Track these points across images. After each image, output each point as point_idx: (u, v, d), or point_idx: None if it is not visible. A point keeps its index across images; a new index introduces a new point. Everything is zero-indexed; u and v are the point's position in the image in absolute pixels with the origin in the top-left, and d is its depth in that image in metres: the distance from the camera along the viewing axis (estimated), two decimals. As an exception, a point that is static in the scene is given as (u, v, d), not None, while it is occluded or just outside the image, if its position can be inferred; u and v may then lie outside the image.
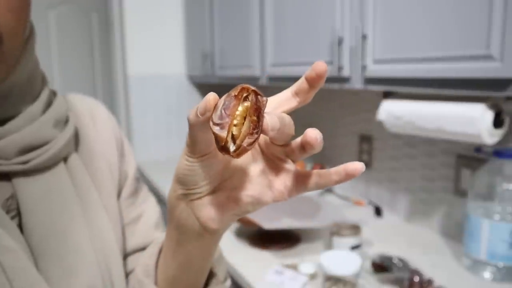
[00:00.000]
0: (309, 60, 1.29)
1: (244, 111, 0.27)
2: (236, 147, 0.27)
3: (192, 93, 2.44)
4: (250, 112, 0.27)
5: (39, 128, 0.45)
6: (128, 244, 0.54)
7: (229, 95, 0.27)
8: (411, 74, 0.95)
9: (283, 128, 0.29)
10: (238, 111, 0.27)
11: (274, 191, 0.34)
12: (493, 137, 0.95)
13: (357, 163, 0.30)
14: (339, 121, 1.73)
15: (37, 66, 0.48)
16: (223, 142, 0.27)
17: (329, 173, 0.32)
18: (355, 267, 0.93)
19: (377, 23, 1.03)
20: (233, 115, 0.27)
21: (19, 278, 0.39)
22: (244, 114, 0.27)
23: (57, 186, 0.46)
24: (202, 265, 0.42)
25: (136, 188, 0.58)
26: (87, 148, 0.52)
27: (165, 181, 1.97)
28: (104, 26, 2.58)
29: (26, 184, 0.44)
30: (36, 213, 0.43)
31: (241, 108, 0.27)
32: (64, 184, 0.47)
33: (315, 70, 0.31)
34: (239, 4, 1.69)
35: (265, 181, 0.34)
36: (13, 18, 0.39)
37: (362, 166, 0.30)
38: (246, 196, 0.34)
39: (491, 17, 0.77)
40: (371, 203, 1.57)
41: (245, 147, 0.27)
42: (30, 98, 0.46)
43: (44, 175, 0.45)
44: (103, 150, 0.54)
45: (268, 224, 1.12)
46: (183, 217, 0.36)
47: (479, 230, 1.02)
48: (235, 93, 0.27)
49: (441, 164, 1.30)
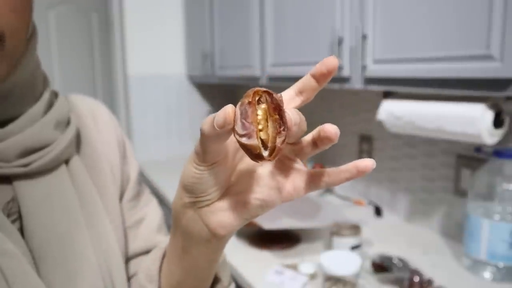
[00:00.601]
0: (309, 60, 1.29)
1: (264, 114, 0.27)
2: (270, 150, 0.27)
3: (192, 93, 2.44)
4: (270, 112, 0.27)
5: (40, 130, 0.44)
6: (130, 248, 0.54)
7: (243, 103, 0.27)
8: (411, 74, 0.95)
9: (303, 124, 0.29)
10: (259, 115, 0.27)
11: (283, 192, 0.33)
12: (493, 137, 0.95)
13: (367, 160, 0.30)
14: (339, 121, 1.73)
15: (38, 67, 0.47)
16: (257, 151, 0.26)
17: (338, 171, 0.32)
18: (355, 267, 0.93)
19: (377, 23, 1.03)
20: (255, 121, 0.26)
21: (20, 282, 0.39)
22: (265, 116, 0.27)
23: (59, 189, 0.45)
24: (208, 271, 0.42)
25: (138, 191, 0.57)
26: (89, 150, 0.51)
27: (165, 181, 1.97)
28: (104, 26, 2.58)
29: (27, 187, 0.43)
30: (37, 216, 0.43)
31: (260, 112, 0.27)
32: (65, 187, 0.46)
33: (326, 65, 0.31)
34: (239, 4, 1.69)
35: (274, 182, 0.34)
36: (16, 18, 0.39)
37: (373, 163, 0.30)
38: (254, 199, 0.33)
39: (491, 17, 0.77)
40: (371, 203, 1.57)
41: (279, 147, 0.27)
42: (31, 99, 0.45)
43: (45, 178, 0.45)
44: (105, 152, 0.54)
45: (268, 224, 1.12)
46: (190, 224, 0.36)
47: (479, 230, 1.02)
48: (248, 99, 0.27)
49: (441, 164, 1.30)
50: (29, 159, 0.43)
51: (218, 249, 0.38)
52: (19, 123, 0.43)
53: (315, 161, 1.90)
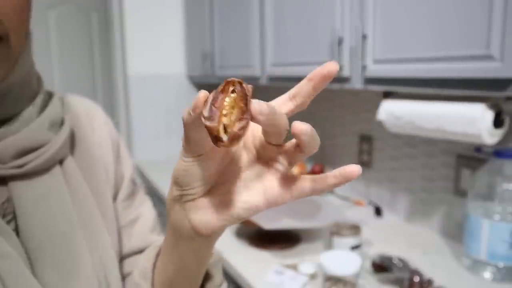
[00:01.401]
0: (309, 60, 1.29)
1: (232, 102, 0.28)
2: (229, 135, 0.28)
3: (192, 93, 2.44)
4: (238, 102, 0.28)
5: (35, 131, 0.45)
6: (125, 247, 0.54)
7: (217, 91, 0.29)
8: (411, 74, 0.95)
9: (274, 116, 0.29)
10: (226, 102, 0.28)
11: (268, 197, 0.33)
12: (493, 137, 0.95)
13: (354, 166, 0.30)
14: (339, 121, 1.73)
15: (33, 66, 0.48)
16: (216, 132, 0.28)
17: (325, 177, 0.32)
18: (355, 267, 0.93)
19: (377, 23, 1.03)
20: (221, 107, 0.28)
21: (15, 284, 0.39)
22: (233, 104, 0.28)
23: (53, 189, 0.46)
24: (196, 269, 0.42)
25: (132, 191, 0.58)
26: (84, 150, 0.52)
27: (165, 181, 1.97)
28: (104, 26, 2.58)
29: (22, 187, 0.44)
30: (32, 217, 0.43)
31: (228, 99, 0.28)
32: (60, 187, 0.46)
33: (327, 69, 0.31)
34: (239, 4, 1.69)
35: (260, 186, 0.34)
36: (18, 18, 0.40)
37: (359, 169, 0.30)
38: (238, 201, 0.33)
39: (491, 17, 0.77)
40: (371, 203, 1.57)
41: (237, 132, 0.27)
42: (26, 99, 0.46)
43: (40, 178, 0.45)
44: (100, 152, 0.54)
45: (268, 224, 1.12)
46: (177, 218, 0.36)
47: (479, 230, 1.02)
48: (221, 87, 0.29)
49: (441, 164, 1.30)
50: (24, 160, 0.43)
51: (204, 248, 0.38)
52: (15, 124, 0.44)
53: (315, 161, 1.90)
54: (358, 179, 1.66)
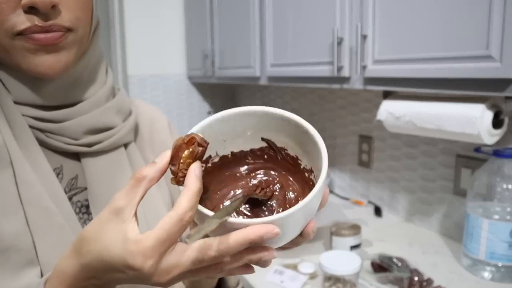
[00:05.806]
0: (309, 61, 1.29)
1: (188, 155, 0.38)
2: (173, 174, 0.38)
3: (192, 93, 2.44)
4: (189, 157, 0.38)
5: (103, 113, 0.52)
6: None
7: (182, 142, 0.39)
8: (411, 74, 0.96)
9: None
10: (185, 154, 0.38)
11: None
12: (493, 137, 0.95)
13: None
14: (339, 121, 1.73)
15: (102, 57, 0.56)
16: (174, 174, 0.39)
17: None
18: (355, 267, 0.94)
19: (377, 23, 1.04)
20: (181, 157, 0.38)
21: (51, 235, 0.46)
22: (186, 157, 0.38)
23: (118, 164, 0.53)
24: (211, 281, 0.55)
25: None
26: (144, 144, 0.61)
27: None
28: (104, 26, 2.58)
29: (92, 162, 0.51)
30: (100, 187, 0.51)
31: (186, 152, 0.38)
32: (124, 164, 0.54)
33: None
34: (239, 4, 1.70)
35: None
36: (83, 13, 0.48)
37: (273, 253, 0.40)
38: None
39: (491, 18, 0.77)
40: (371, 203, 1.57)
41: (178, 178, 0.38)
42: (96, 85, 0.53)
43: (107, 155, 0.53)
44: (159, 150, 0.61)
45: (268, 224, 1.12)
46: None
47: (478, 229, 1.02)
48: (187, 139, 0.38)
49: (440, 164, 1.30)
50: (94, 138, 0.51)
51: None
52: (84, 105, 0.51)
53: (315, 161, 1.90)
54: (358, 179, 1.66)
